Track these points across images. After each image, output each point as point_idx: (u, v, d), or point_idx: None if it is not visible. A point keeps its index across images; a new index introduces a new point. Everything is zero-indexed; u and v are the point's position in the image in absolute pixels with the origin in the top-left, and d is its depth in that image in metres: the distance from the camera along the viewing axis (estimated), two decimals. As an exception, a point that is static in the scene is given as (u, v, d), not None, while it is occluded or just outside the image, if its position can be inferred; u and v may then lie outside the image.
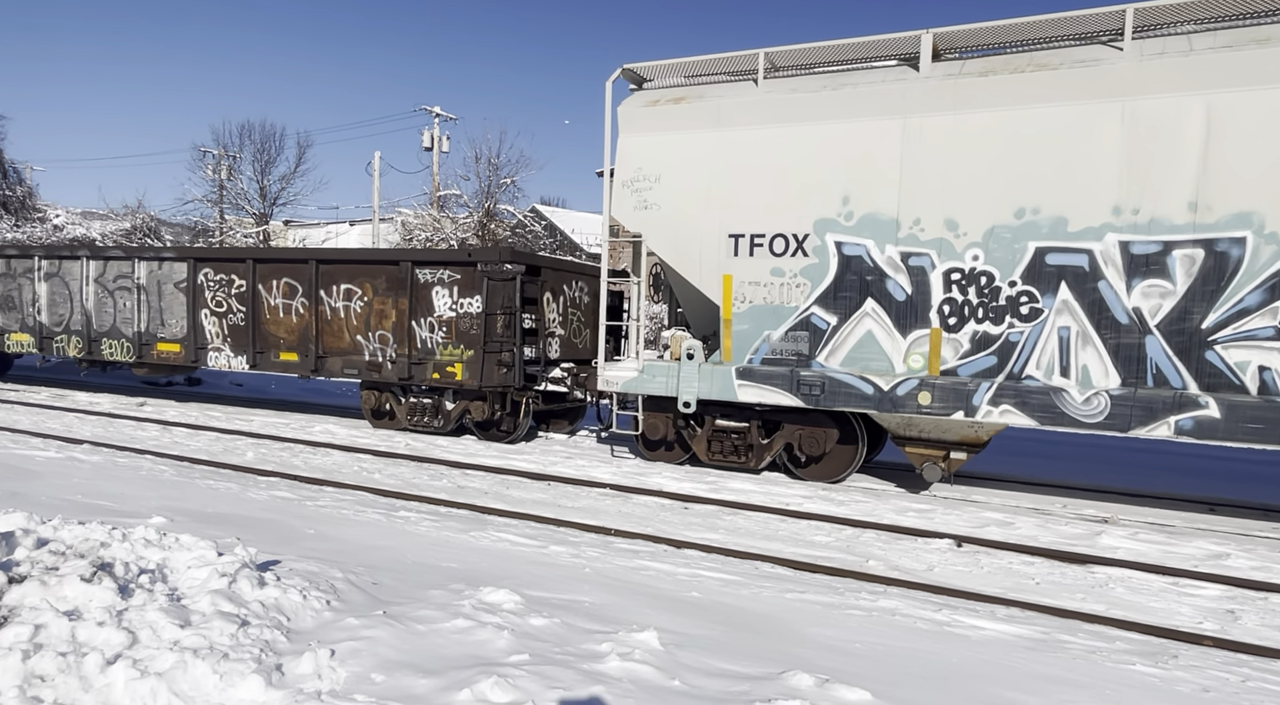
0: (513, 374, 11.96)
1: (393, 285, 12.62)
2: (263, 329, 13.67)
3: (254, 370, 13.80)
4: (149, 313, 14.77)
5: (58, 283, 15.75)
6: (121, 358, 15.12)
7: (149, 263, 14.73)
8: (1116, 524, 8.71)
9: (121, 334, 15.11)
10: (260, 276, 13.62)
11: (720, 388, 10.13)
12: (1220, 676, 4.66)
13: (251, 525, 6.61)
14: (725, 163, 9.92)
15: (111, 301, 15.21)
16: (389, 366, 12.68)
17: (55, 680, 3.19)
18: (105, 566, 4.08)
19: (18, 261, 16.21)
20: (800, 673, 3.99)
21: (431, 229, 32.27)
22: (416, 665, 3.82)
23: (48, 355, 15.98)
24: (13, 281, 16.25)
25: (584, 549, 6.75)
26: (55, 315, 15.86)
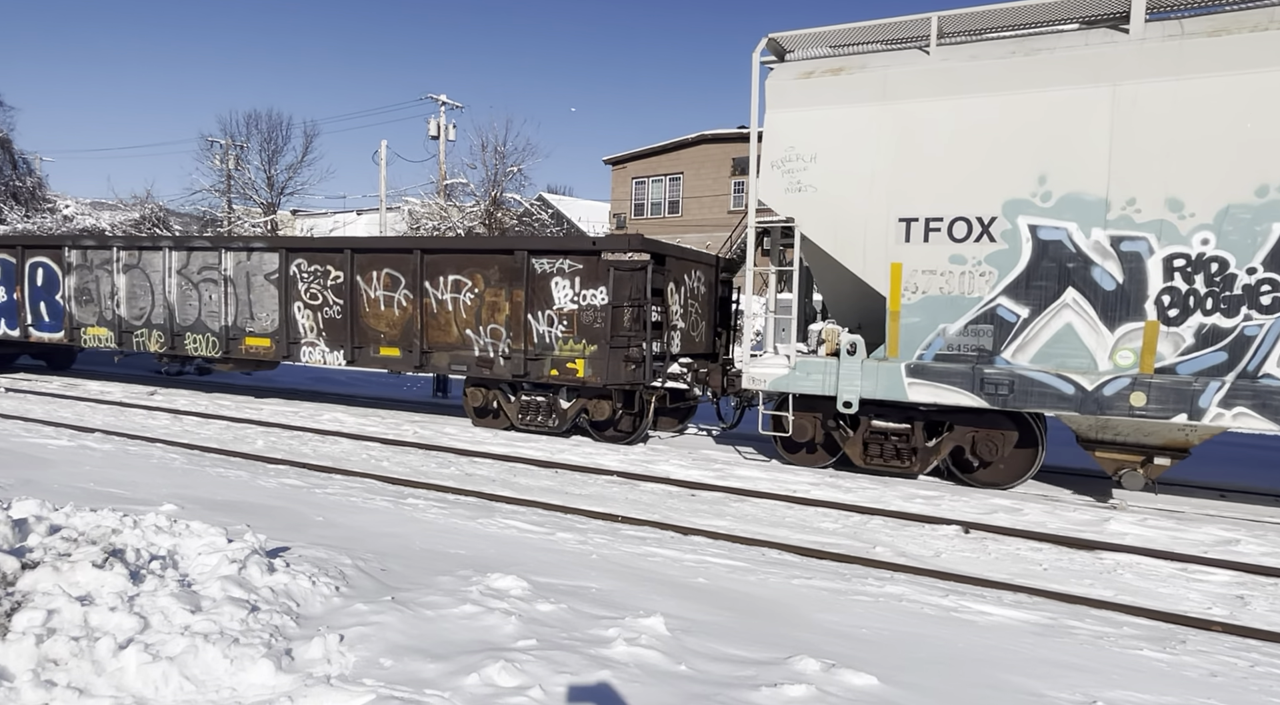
0: (642, 371, 11.09)
1: (506, 276, 11.74)
2: (361, 323, 12.84)
3: (351, 366, 13.03)
4: (237, 306, 13.95)
5: (138, 275, 14.93)
6: (206, 353, 14.34)
7: (237, 253, 13.89)
8: (1125, 510, 8.68)
9: (207, 328, 14.28)
10: (359, 267, 12.78)
11: (887, 386, 9.31)
12: (1228, 662, 4.65)
13: (261, 512, 6.66)
14: (894, 139, 9.07)
15: (196, 294, 14.37)
16: (501, 362, 11.86)
17: (68, 664, 3.23)
18: (117, 553, 4.12)
19: (95, 253, 15.35)
20: (806, 658, 4.00)
21: (438, 218, 32.28)
22: (424, 650, 3.85)
23: (126, 350, 15.19)
24: (90, 274, 15.39)
25: (591, 536, 6.78)
26: (135, 309, 15.04)
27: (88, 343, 15.50)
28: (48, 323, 16.01)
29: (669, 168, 37.57)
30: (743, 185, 35.42)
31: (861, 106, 9.25)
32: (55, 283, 15.76)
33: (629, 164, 38.78)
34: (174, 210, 41.18)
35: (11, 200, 36.01)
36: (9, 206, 35.48)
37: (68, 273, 15.59)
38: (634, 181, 38.71)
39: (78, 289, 15.55)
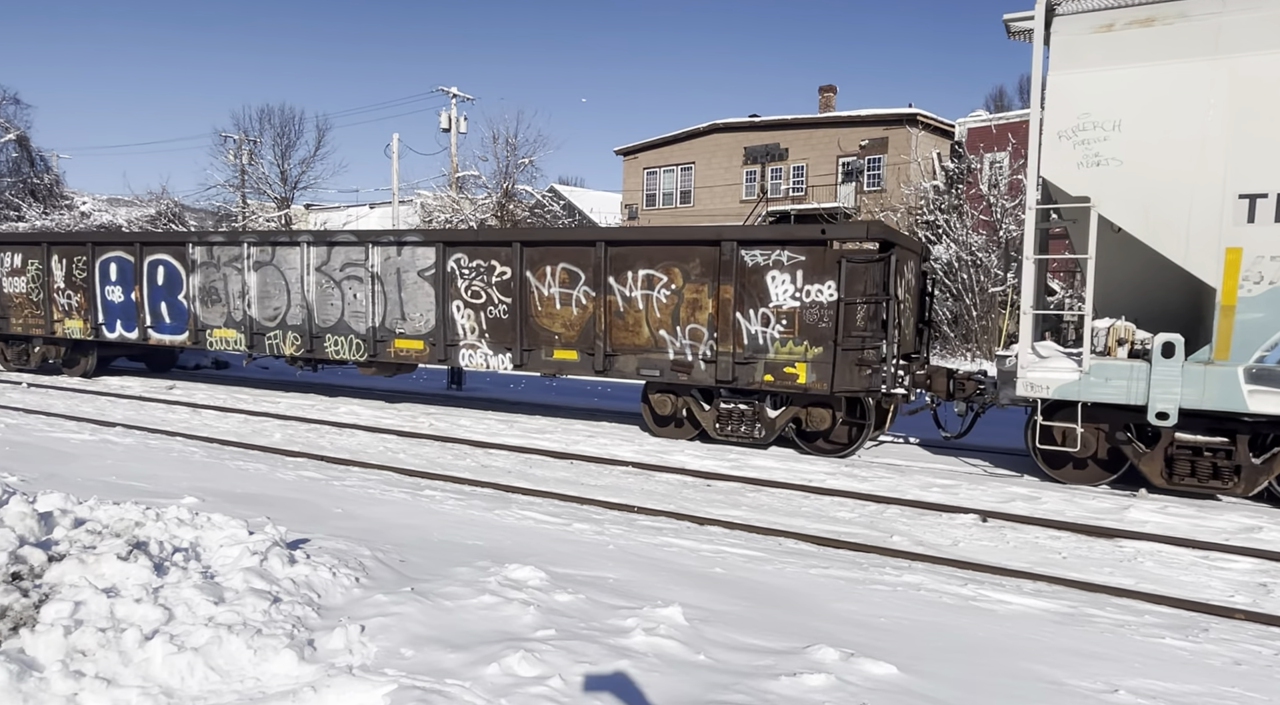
0: (877, 376, 9.79)
1: (709, 270, 10.51)
2: (532, 323, 11.68)
3: (520, 371, 11.91)
4: (385, 305, 12.76)
5: (271, 272, 13.76)
6: (350, 356, 13.23)
7: (385, 248, 12.72)
8: (1145, 498, 8.60)
9: (350, 329, 13.11)
10: (529, 262, 11.62)
11: (1218, 395, 7.96)
12: (1252, 650, 4.61)
13: (280, 505, 6.72)
14: (1231, 100, 7.82)
15: (338, 292, 13.18)
16: (701, 366, 10.64)
17: (96, 655, 3.28)
18: (140, 545, 4.17)
19: (223, 249, 14.22)
20: (825, 647, 4.00)
21: (451, 210, 32.33)
22: (445, 640, 3.87)
23: (258, 353, 14.09)
24: (216, 271, 14.25)
25: (607, 526, 6.80)
26: (268, 309, 13.88)
27: (213, 345, 14.48)
28: (169, 324, 14.97)
29: (681, 158, 37.43)
30: (754, 175, 35.25)
31: (1184, 62, 7.96)
32: (178, 282, 14.72)
33: (640, 154, 38.66)
34: (189, 206, 41.50)
35: (30, 197, 36.41)
36: (27, 203, 35.89)
37: (192, 271, 14.52)
38: (645, 172, 38.60)
39: (203, 288, 14.46)
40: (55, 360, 16.95)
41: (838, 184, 33.03)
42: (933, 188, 28.08)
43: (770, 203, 34.52)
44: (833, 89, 36.53)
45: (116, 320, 15.57)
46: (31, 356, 17.15)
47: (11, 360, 17.55)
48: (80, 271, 15.77)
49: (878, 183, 32.22)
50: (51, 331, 16.34)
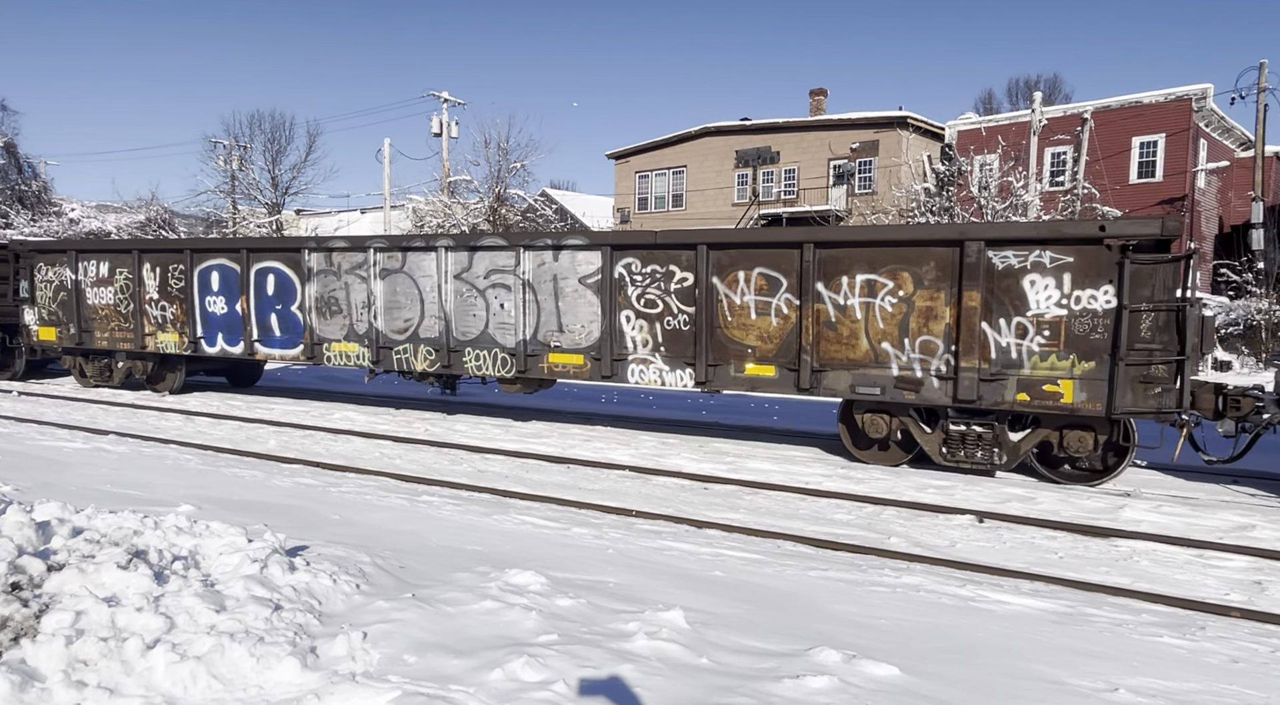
0: (1169, 395, 8.58)
1: (946, 274, 9.27)
2: (719, 335, 10.48)
3: (703, 388, 10.65)
4: (538, 316, 11.58)
5: (402, 281, 12.53)
6: (493, 372, 12.04)
7: (540, 253, 11.53)
8: (1139, 497, 8.66)
9: (495, 343, 11.92)
10: (717, 267, 10.43)
11: None
12: (1249, 647, 4.65)
13: (278, 512, 6.69)
14: None
15: (482, 302, 11.97)
16: (934, 383, 9.39)
17: (98, 664, 3.26)
18: (140, 554, 4.15)
19: (344, 255, 12.97)
20: (827, 649, 4.01)
21: (443, 215, 32.29)
22: (448, 646, 3.87)
23: (384, 369, 12.95)
24: (337, 280, 13.00)
25: (606, 530, 6.80)
26: (397, 320, 12.63)
27: (333, 361, 13.24)
28: (280, 338, 13.69)
29: (672, 161, 37.50)
30: (746, 178, 35.35)
31: None
32: (290, 291, 13.45)
33: (632, 158, 38.72)
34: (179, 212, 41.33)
35: (18, 204, 36.17)
36: (15, 210, 35.65)
37: (307, 280, 13.22)
38: (637, 175, 38.65)
39: (320, 298, 13.18)
40: (140, 376, 15.84)
41: (829, 187, 33.17)
42: (924, 190, 28.22)
43: (762, 205, 34.63)
44: (823, 92, 36.70)
45: (218, 333, 14.32)
46: (115, 372, 16.02)
47: (92, 376, 16.40)
48: (176, 281, 14.52)
49: (869, 185, 32.37)
50: (142, 346, 15.06)
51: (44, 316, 16.28)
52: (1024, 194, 25.05)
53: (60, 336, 16.11)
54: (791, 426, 13.01)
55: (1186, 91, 27.36)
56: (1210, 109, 27.98)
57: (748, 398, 16.32)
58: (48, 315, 16.21)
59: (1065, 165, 28.40)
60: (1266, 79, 25.14)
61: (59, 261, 15.96)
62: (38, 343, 16.55)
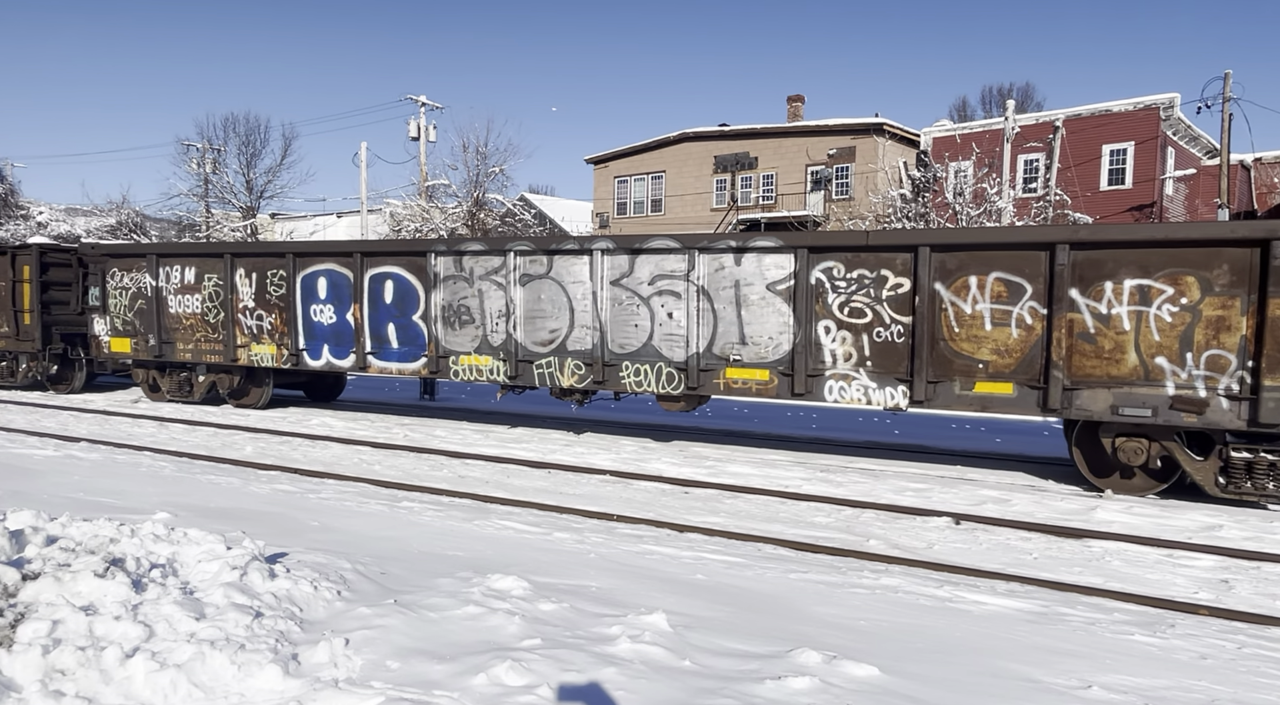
0: None
1: (1243, 279, 8.23)
2: (943, 348, 9.44)
3: (921, 407, 9.59)
4: (714, 326, 10.52)
5: (547, 287, 11.47)
6: (657, 389, 10.92)
7: (718, 256, 10.48)
8: (1111, 498, 8.83)
9: (659, 356, 10.83)
10: (941, 271, 9.40)
11: None
12: (1217, 644, 4.76)
13: (256, 519, 6.63)
14: None
15: (645, 311, 10.91)
16: (1222, 405, 8.33)
17: (76, 674, 3.22)
18: (117, 562, 4.10)
19: (476, 260, 11.88)
20: (808, 650, 4.06)
21: (420, 219, 32.13)
22: (430, 652, 3.86)
23: (524, 384, 11.85)
24: (468, 287, 11.94)
25: (588, 535, 6.81)
26: (540, 331, 11.57)
27: (460, 375, 12.15)
28: (398, 350, 12.53)
29: (651, 166, 37.63)
30: (724, 183, 35.55)
31: None
32: (412, 299, 12.34)
33: (611, 163, 38.80)
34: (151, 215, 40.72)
35: (-16, 207, 35.45)
36: (-18, 214, 34.93)
37: (433, 286, 12.13)
38: (616, 181, 38.72)
39: (448, 307, 12.11)
40: (224, 391, 14.63)
41: (807, 192, 33.45)
42: (900, 196, 28.56)
43: (741, 211, 34.83)
44: (801, 99, 37.03)
45: (323, 345, 13.08)
46: (195, 387, 14.78)
47: (168, 391, 15.10)
48: (276, 288, 13.30)
49: (846, 191, 32.68)
50: (233, 358, 13.80)
51: (117, 326, 14.87)
52: (998, 200, 25.44)
53: (136, 348, 14.72)
54: (771, 431, 13.10)
55: (1155, 100, 27.96)
56: (1177, 118, 28.62)
57: (729, 402, 16.37)
58: (122, 325, 14.81)
59: (1038, 172, 28.88)
60: (1231, 89, 25.75)
61: (137, 267, 14.58)
62: (109, 355, 15.13)
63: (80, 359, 16.57)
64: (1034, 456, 11.28)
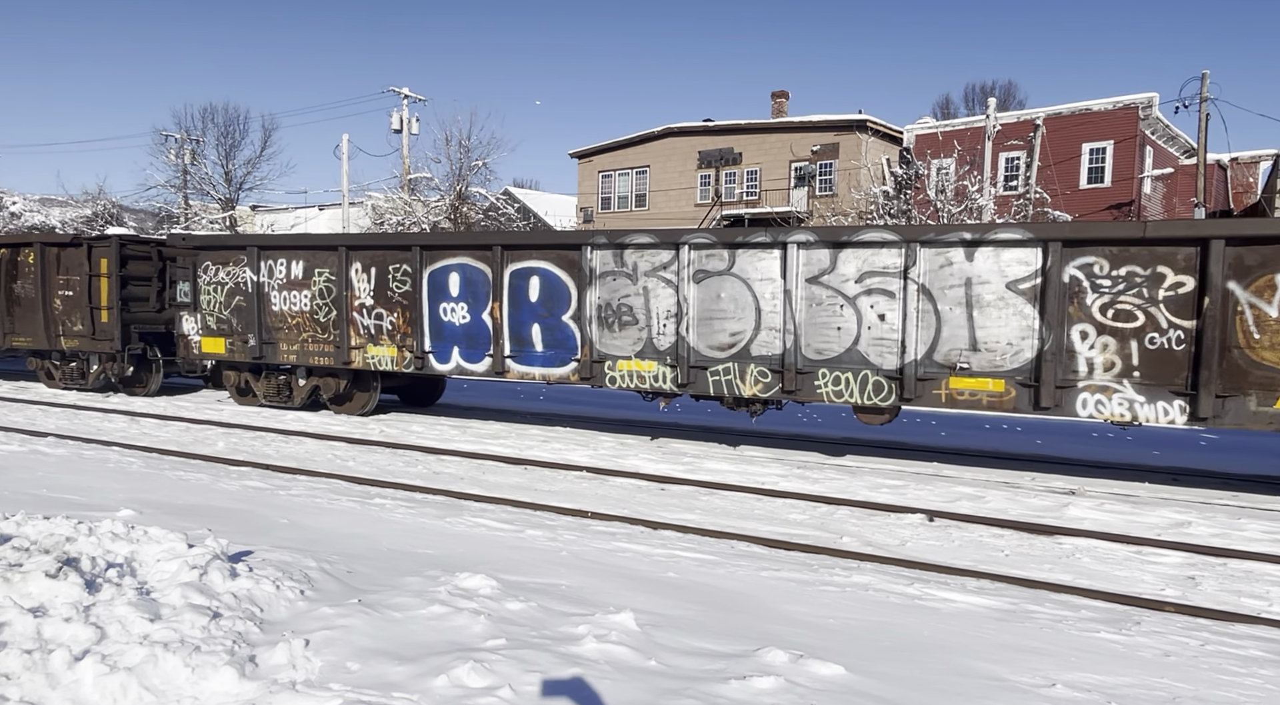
0: None
1: None
2: (1236, 357, 8.36)
3: (1199, 424, 8.56)
4: (937, 329, 9.45)
5: (729, 285, 10.33)
6: (862, 399, 9.79)
7: (944, 250, 9.38)
8: (1083, 495, 8.90)
9: (866, 363, 9.74)
10: (1238, 268, 8.29)
11: None
12: (1180, 641, 4.80)
13: (223, 516, 6.53)
14: None
15: (850, 312, 9.78)
16: None
17: (20, 678, 3.14)
18: (71, 562, 4.01)
19: (642, 253, 10.76)
20: (775, 649, 4.04)
21: (403, 213, 31.88)
22: (392, 652, 3.81)
23: (696, 392, 10.66)
24: (631, 283, 10.86)
25: (561, 532, 6.77)
26: (718, 334, 10.42)
27: (618, 382, 11.00)
28: (542, 353, 11.44)
29: (635, 161, 37.53)
30: (708, 179, 35.53)
31: None
32: (562, 297, 11.24)
33: (595, 157, 38.66)
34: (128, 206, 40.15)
35: (-45, 197, 34.79)
36: (-48, 203, 34.28)
37: (588, 283, 11.03)
38: (600, 175, 38.59)
39: (604, 306, 11.01)
40: (327, 396, 13.39)
41: (790, 189, 33.49)
42: (882, 193, 28.67)
43: (724, 206, 34.83)
44: (785, 95, 37.05)
45: (453, 347, 11.96)
46: (296, 391, 13.51)
47: (264, 395, 13.78)
48: (399, 284, 12.16)
49: (829, 188, 32.76)
50: (346, 361, 12.57)
51: (209, 325, 13.61)
52: (979, 198, 25.59)
53: (232, 349, 13.47)
54: (750, 427, 13.11)
55: (1134, 100, 28.22)
56: (1156, 117, 28.90)
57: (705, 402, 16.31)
58: (215, 324, 13.55)
59: (1019, 170, 29.08)
60: (1208, 89, 26.02)
61: (234, 260, 13.34)
62: (199, 355, 13.87)
63: (157, 360, 15.41)
64: (1010, 454, 11.36)
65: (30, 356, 16.28)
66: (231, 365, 14.06)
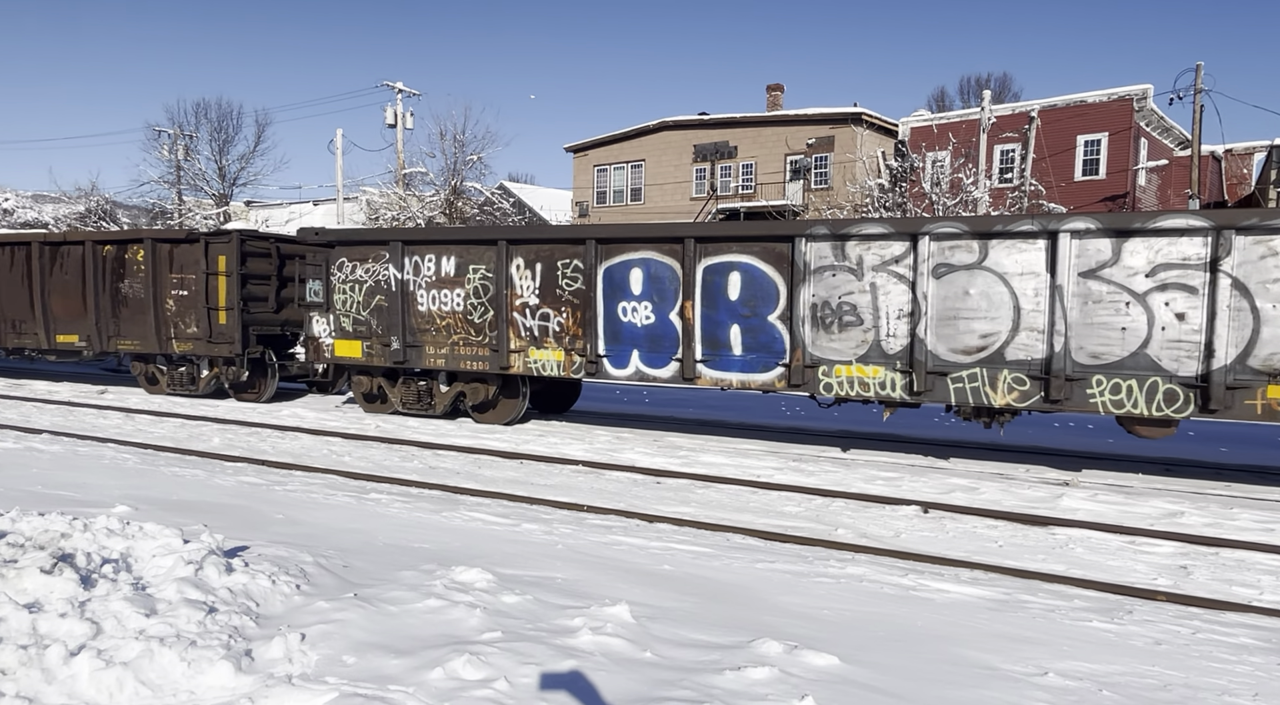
0: None
1: None
2: None
3: None
4: (1252, 330, 8.34)
5: (979, 280, 9.23)
6: (1148, 410, 8.72)
7: (1266, 238, 8.24)
8: (1077, 486, 8.95)
9: (1155, 368, 8.65)
10: None
11: None
12: (1172, 630, 4.84)
13: (219, 511, 6.54)
14: None
15: (1139, 310, 8.69)
16: None
17: (16, 673, 3.15)
18: (66, 557, 4.02)
19: (868, 246, 9.70)
20: (770, 640, 4.06)
21: (397, 208, 31.80)
22: (388, 646, 3.82)
23: (931, 401, 9.63)
24: (854, 280, 9.79)
25: (557, 526, 6.79)
26: (965, 335, 9.35)
27: (835, 388, 9.97)
28: (741, 357, 10.40)
29: (631, 155, 37.47)
30: (704, 172, 35.49)
31: None
32: (768, 295, 10.22)
33: (590, 151, 38.59)
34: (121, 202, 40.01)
35: (-54, 194, 34.62)
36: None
37: (800, 280, 9.96)
38: (596, 169, 38.53)
39: (821, 304, 9.96)
40: (467, 404, 12.45)
41: (786, 182, 33.48)
42: (878, 186, 28.67)
43: (720, 200, 34.81)
44: (780, 88, 37.00)
45: (631, 351, 10.97)
46: (438, 397, 12.52)
47: (405, 402, 12.77)
48: (570, 281, 11.24)
49: (825, 181, 32.76)
50: (504, 365, 11.59)
51: (344, 327, 12.62)
52: (974, 190, 25.61)
53: (369, 352, 12.48)
54: (745, 420, 13.14)
55: (1128, 92, 28.24)
56: (1150, 109, 28.93)
57: (705, 392, 16.16)
58: (351, 326, 12.57)
59: (1014, 162, 29.10)
60: (1203, 81, 26.06)
61: (375, 256, 12.36)
62: (332, 359, 12.87)
63: (273, 364, 14.53)
64: (1004, 445, 11.40)
65: (133, 360, 15.37)
66: (363, 370, 12.98)
